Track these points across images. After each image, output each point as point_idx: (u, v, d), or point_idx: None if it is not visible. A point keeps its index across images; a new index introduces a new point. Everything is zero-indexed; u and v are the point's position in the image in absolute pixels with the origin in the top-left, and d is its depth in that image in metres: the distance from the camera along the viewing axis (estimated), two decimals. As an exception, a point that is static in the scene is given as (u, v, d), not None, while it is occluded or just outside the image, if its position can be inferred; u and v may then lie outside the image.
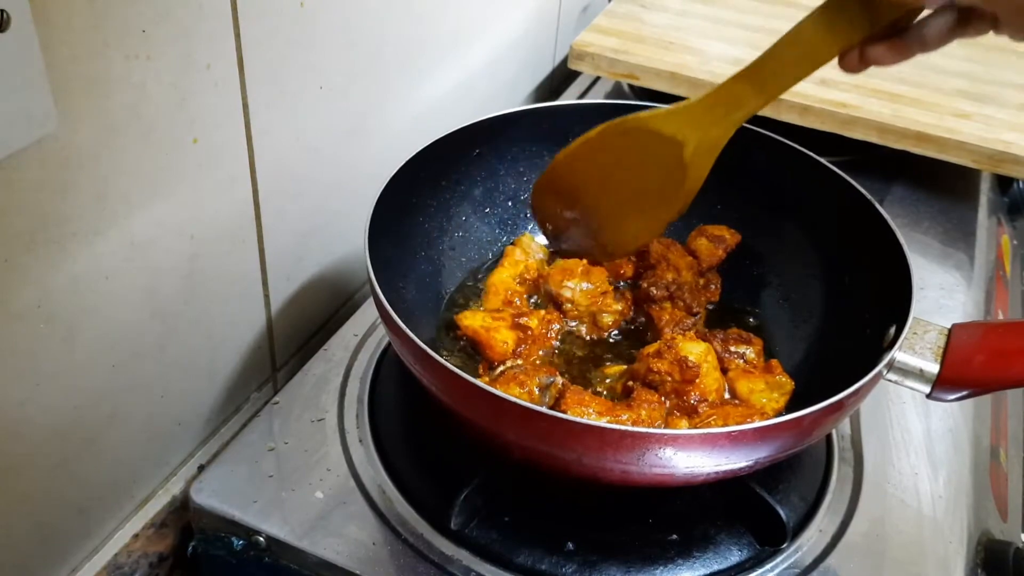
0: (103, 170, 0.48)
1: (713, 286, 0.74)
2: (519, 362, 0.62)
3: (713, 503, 0.60)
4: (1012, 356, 0.53)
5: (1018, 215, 1.08)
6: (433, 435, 0.63)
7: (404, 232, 0.68)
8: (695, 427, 0.59)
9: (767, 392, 0.62)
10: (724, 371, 0.64)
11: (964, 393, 0.56)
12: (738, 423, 0.54)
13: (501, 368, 0.61)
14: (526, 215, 0.78)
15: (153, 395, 0.59)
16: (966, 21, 0.49)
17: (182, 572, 0.65)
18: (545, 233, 0.71)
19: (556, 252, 0.71)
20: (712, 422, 0.58)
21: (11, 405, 0.48)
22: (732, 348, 0.65)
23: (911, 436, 0.68)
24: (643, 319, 0.71)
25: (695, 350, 0.62)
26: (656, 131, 0.59)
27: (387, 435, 0.64)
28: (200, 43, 0.52)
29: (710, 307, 0.73)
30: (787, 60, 0.53)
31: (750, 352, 0.65)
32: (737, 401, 0.63)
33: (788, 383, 0.62)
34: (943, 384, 0.55)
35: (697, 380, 0.60)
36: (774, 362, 0.65)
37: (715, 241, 0.73)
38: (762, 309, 0.73)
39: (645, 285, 0.71)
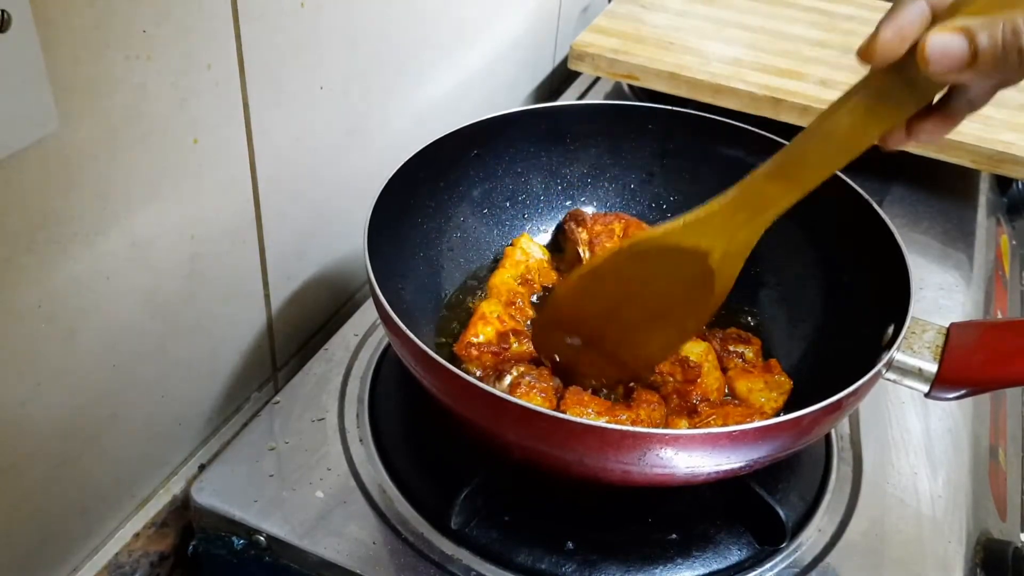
0: (104, 170, 0.48)
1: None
2: (521, 368, 0.62)
3: (713, 503, 0.60)
4: (1011, 355, 0.53)
5: (1017, 215, 1.08)
6: (433, 435, 0.63)
7: (403, 232, 0.68)
8: (695, 427, 0.59)
9: (766, 391, 0.63)
10: (724, 370, 0.65)
11: (963, 392, 0.56)
12: (738, 423, 0.54)
13: (508, 378, 0.61)
14: (525, 215, 0.78)
15: (154, 395, 0.59)
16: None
17: (183, 571, 0.66)
18: (554, 369, 0.62)
19: (562, 379, 0.62)
20: (712, 422, 0.59)
21: (12, 405, 0.48)
22: (731, 347, 0.65)
23: (910, 436, 0.68)
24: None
25: (695, 350, 0.62)
26: (675, 246, 0.53)
27: (387, 435, 0.64)
28: (201, 43, 0.52)
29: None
30: (819, 153, 0.48)
31: (749, 352, 0.66)
32: (736, 401, 0.63)
33: (787, 382, 0.63)
34: (942, 383, 0.55)
35: (699, 380, 0.60)
36: (773, 361, 0.65)
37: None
38: (760, 308, 0.73)
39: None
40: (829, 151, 0.47)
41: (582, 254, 0.73)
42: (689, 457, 0.49)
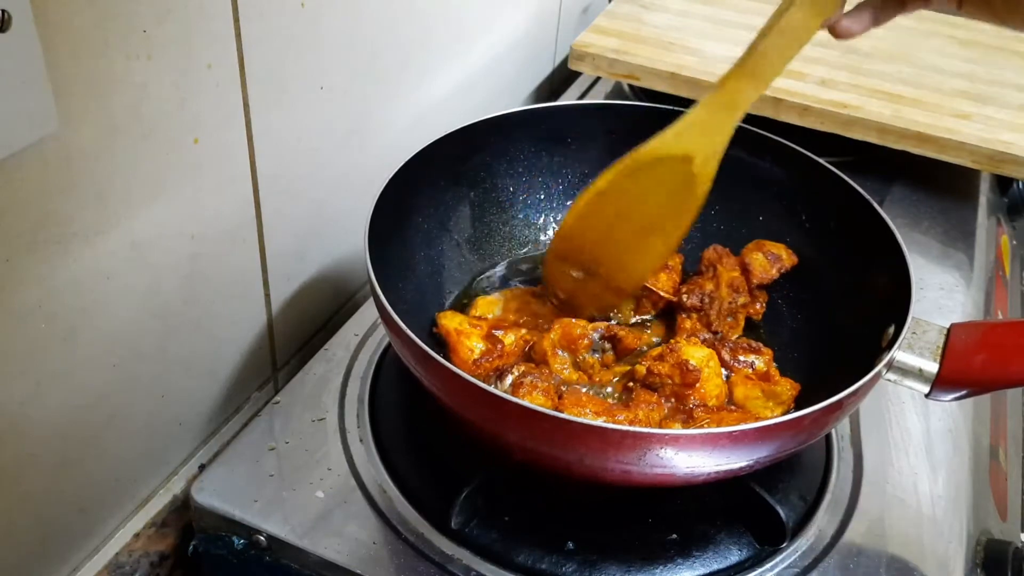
0: (104, 170, 0.48)
1: (759, 304, 0.71)
2: (523, 368, 0.62)
3: (713, 503, 0.60)
4: (1011, 356, 0.53)
5: (1017, 215, 1.08)
6: (433, 435, 0.63)
7: (404, 232, 0.68)
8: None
9: (762, 400, 0.62)
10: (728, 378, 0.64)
11: (963, 393, 0.56)
12: (733, 427, 0.54)
13: (510, 378, 0.61)
14: (525, 215, 0.78)
15: (154, 395, 0.59)
16: None
17: (183, 571, 0.66)
18: (554, 301, 0.69)
19: (565, 314, 0.68)
20: (706, 427, 0.58)
21: (12, 405, 0.48)
22: (741, 357, 0.65)
23: (910, 436, 0.68)
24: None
25: (697, 355, 0.62)
26: (665, 155, 0.59)
27: (387, 435, 0.64)
28: (201, 43, 0.52)
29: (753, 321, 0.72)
30: (776, 48, 0.55)
31: (759, 362, 0.65)
32: (733, 407, 0.63)
33: (786, 392, 0.62)
34: (942, 384, 0.55)
35: (697, 384, 0.60)
36: (773, 370, 0.65)
37: (771, 259, 0.70)
38: (763, 309, 0.73)
39: (684, 289, 0.69)
40: (783, 45, 0.55)
41: None
42: (689, 457, 0.49)
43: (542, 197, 0.78)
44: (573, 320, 0.64)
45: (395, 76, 0.75)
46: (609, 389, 0.65)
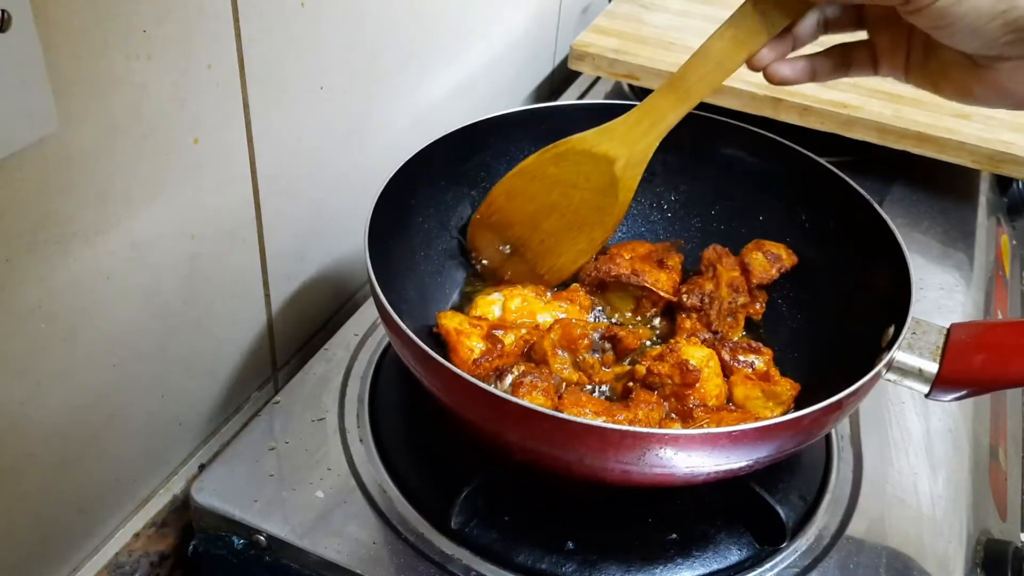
0: (104, 170, 0.48)
1: (759, 304, 0.71)
2: (523, 368, 0.62)
3: (713, 503, 0.60)
4: (1011, 356, 0.53)
5: (1017, 215, 1.08)
6: (433, 435, 0.63)
7: (404, 232, 0.68)
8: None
9: (762, 400, 0.62)
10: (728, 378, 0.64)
11: (963, 393, 0.56)
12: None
13: (510, 378, 0.61)
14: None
15: (154, 395, 0.59)
16: (848, 59, 0.56)
17: (183, 571, 0.66)
18: (481, 270, 0.72)
19: (490, 281, 0.72)
20: (705, 427, 0.58)
21: (12, 405, 0.48)
22: (741, 357, 0.65)
23: (910, 436, 0.68)
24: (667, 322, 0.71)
25: (697, 355, 0.62)
26: (587, 151, 0.63)
27: (387, 435, 0.64)
28: (201, 43, 0.52)
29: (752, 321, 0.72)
30: (700, 73, 0.58)
31: (759, 362, 0.65)
32: (733, 407, 0.63)
33: (786, 392, 0.62)
34: (942, 384, 0.55)
35: (697, 384, 0.60)
36: (773, 371, 0.65)
37: (771, 259, 0.70)
38: (763, 309, 0.73)
39: (684, 289, 0.70)
40: (707, 70, 0.58)
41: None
42: (689, 457, 0.49)
43: (542, 197, 0.78)
44: (573, 320, 0.64)
45: (395, 76, 0.75)
46: (608, 388, 0.65)
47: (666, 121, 0.61)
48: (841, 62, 0.56)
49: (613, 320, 0.70)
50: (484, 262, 0.72)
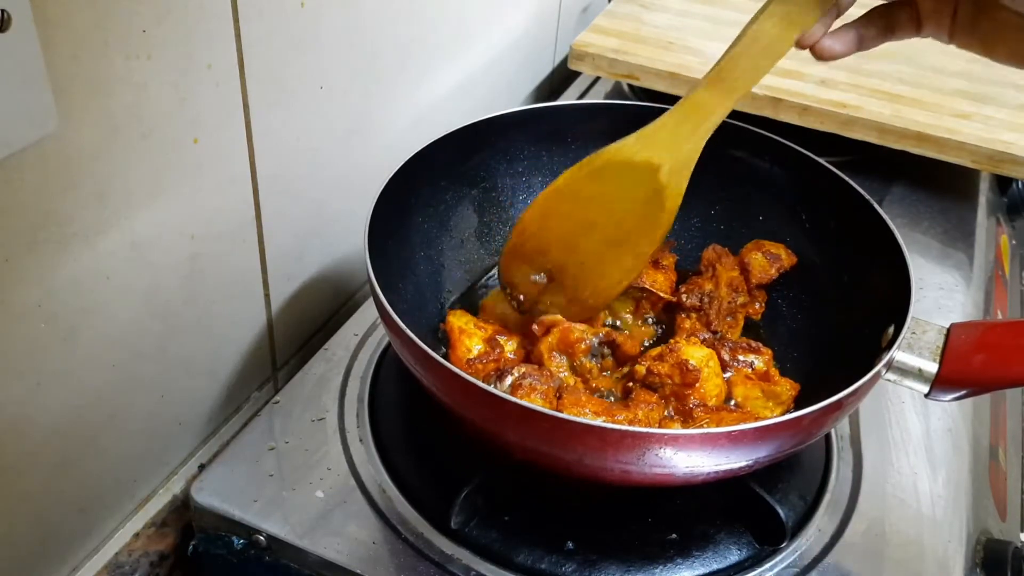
0: (104, 170, 0.48)
1: (758, 304, 0.71)
2: (523, 369, 0.62)
3: (712, 502, 0.60)
4: (1011, 356, 0.53)
5: (1017, 215, 1.08)
6: (433, 435, 0.63)
7: (404, 232, 0.68)
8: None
9: (762, 400, 0.62)
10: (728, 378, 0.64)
11: (963, 393, 0.56)
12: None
13: (510, 379, 0.61)
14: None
15: (154, 394, 0.59)
16: (891, 22, 0.53)
17: (183, 571, 0.65)
18: (516, 305, 0.66)
19: (530, 315, 0.65)
20: (706, 426, 0.58)
21: (12, 404, 0.48)
22: (740, 357, 0.65)
23: (910, 436, 0.68)
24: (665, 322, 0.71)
25: (697, 354, 0.62)
26: (627, 161, 0.58)
27: (387, 434, 0.64)
28: (201, 43, 0.52)
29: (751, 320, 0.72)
30: (748, 60, 0.53)
31: (759, 362, 0.65)
32: (733, 407, 0.63)
33: (785, 392, 0.62)
34: (942, 384, 0.55)
35: (697, 384, 0.60)
36: (773, 371, 0.65)
37: (770, 259, 0.70)
38: (762, 308, 0.73)
39: (683, 289, 0.69)
40: (755, 56, 0.53)
41: None
42: (688, 457, 0.49)
43: (542, 197, 0.78)
44: (570, 324, 0.64)
45: (395, 76, 0.75)
46: (609, 389, 0.65)
47: (713, 118, 0.56)
48: (885, 26, 0.53)
49: (615, 324, 0.70)
50: (520, 298, 0.65)
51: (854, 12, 0.54)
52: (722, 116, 0.56)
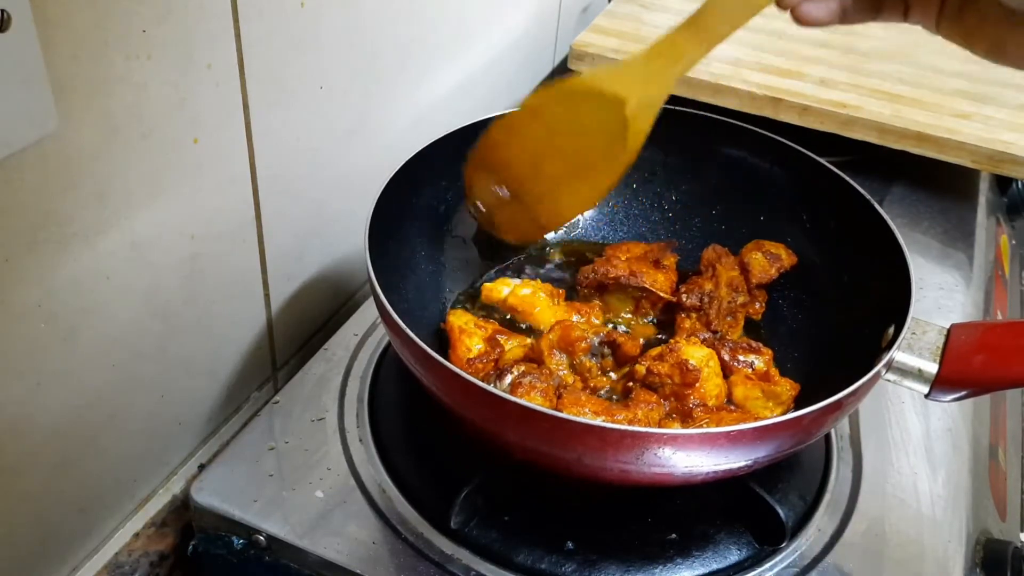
0: (104, 170, 0.48)
1: (758, 303, 0.71)
2: (523, 368, 0.62)
3: (712, 502, 0.60)
4: (1011, 356, 0.53)
5: (1017, 215, 1.08)
6: (433, 435, 0.63)
7: (404, 232, 0.68)
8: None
9: (762, 400, 0.62)
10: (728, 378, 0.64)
11: (963, 393, 0.56)
12: (732, 426, 0.54)
13: (509, 377, 0.61)
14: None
15: (153, 395, 0.59)
16: (878, 2, 0.52)
17: (183, 571, 0.66)
18: (475, 214, 0.67)
19: (486, 229, 0.68)
20: (705, 426, 0.58)
21: (12, 404, 0.48)
22: (740, 357, 0.65)
23: (910, 436, 0.68)
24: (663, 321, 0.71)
25: (697, 354, 0.62)
26: (597, 89, 0.58)
27: (387, 434, 0.64)
28: (201, 43, 0.52)
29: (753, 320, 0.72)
30: (727, 7, 0.53)
31: (759, 362, 0.65)
32: (733, 407, 0.63)
33: (785, 392, 0.62)
34: (942, 384, 0.55)
35: (697, 384, 0.60)
36: (773, 371, 0.65)
37: (770, 259, 0.70)
38: (762, 308, 0.73)
39: (683, 288, 0.69)
40: (733, 6, 0.53)
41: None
42: (688, 457, 0.49)
43: (542, 197, 0.78)
44: (572, 322, 0.64)
45: (395, 76, 0.75)
46: (608, 389, 0.65)
47: (684, 60, 0.55)
48: (871, 4, 0.52)
49: (614, 324, 0.70)
50: (478, 203, 0.66)
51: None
52: (693, 62, 0.56)
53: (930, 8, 0.52)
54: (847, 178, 0.67)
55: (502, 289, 0.70)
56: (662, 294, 0.69)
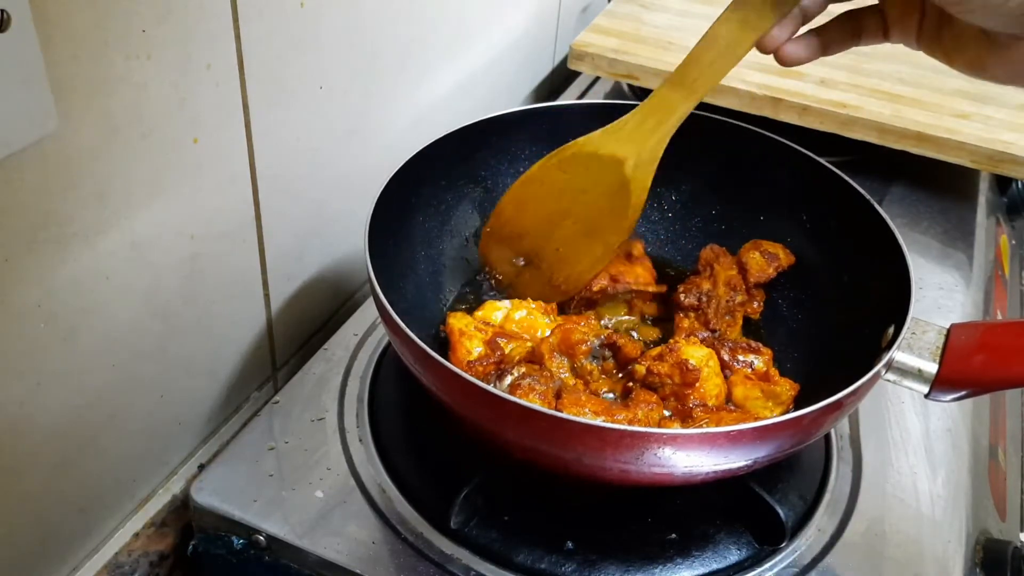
0: (104, 170, 0.48)
1: (756, 303, 0.71)
2: (523, 369, 0.62)
3: (712, 502, 0.60)
4: (1011, 356, 0.53)
5: (1017, 215, 1.08)
6: (433, 435, 0.63)
7: (404, 232, 0.68)
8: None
9: (762, 400, 0.62)
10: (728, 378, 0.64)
11: (963, 393, 0.56)
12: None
13: (509, 378, 0.61)
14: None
15: (153, 395, 0.59)
16: (858, 28, 0.53)
17: (182, 571, 0.66)
18: (495, 284, 0.71)
19: (507, 295, 0.70)
20: (705, 426, 0.58)
21: (12, 405, 0.48)
22: (740, 357, 0.65)
23: (910, 436, 0.68)
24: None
25: (697, 354, 0.62)
26: (594, 153, 0.61)
27: (387, 434, 0.64)
28: (201, 43, 0.52)
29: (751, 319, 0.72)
30: (708, 61, 0.56)
31: (759, 362, 0.65)
32: (733, 406, 0.63)
33: (785, 392, 0.62)
34: (941, 384, 0.55)
35: (697, 384, 0.60)
36: (772, 371, 0.65)
37: (768, 258, 0.70)
38: (760, 308, 0.73)
39: (681, 288, 0.70)
40: (715, 57, 0.55)
41: None
42: (688, 457, 0.49)
43: (542, 197, 0.78)
44: (572, 326, 0.64)
45: (395, 76, 0.75)
46: (608, 390, 0.65)
47: (675, 115, 0.58)
48: (851, 31, 0.53)
49: (615, 329, 0.70)
50: (499, 276, 0.70)
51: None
52: (685, 114, 0.58)
53: (909, 29, 0.52)
54: (847, 178, 0.67)
55: (493, 314, 0.69)
56: (649, 288, 0.69)
